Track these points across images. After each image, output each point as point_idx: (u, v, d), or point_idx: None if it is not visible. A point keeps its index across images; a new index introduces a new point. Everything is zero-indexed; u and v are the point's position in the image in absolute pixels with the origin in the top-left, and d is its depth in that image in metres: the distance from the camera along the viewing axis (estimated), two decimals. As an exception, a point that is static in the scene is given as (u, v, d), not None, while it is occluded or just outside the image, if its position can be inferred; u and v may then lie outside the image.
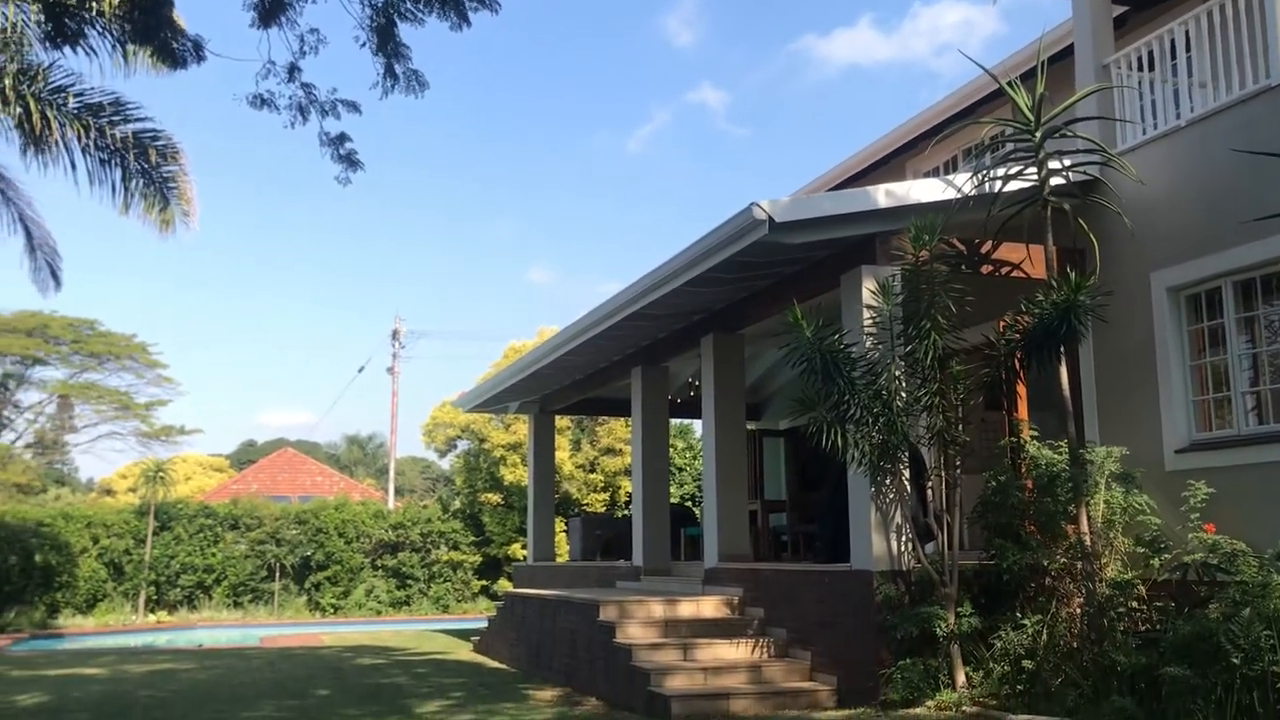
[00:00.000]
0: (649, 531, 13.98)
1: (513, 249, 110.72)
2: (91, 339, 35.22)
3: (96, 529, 25.00)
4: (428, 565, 27.46)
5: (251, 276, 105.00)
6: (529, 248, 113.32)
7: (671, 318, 12.66)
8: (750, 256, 9.82)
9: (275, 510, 26.99)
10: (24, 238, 16.02)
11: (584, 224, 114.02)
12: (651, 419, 14.30)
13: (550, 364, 15.31)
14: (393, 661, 14.39)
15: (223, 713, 10.03)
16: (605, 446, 27.34)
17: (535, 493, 18.93)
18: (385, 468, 75.55)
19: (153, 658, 15.52)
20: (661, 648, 10.17)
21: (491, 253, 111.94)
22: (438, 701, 10.58)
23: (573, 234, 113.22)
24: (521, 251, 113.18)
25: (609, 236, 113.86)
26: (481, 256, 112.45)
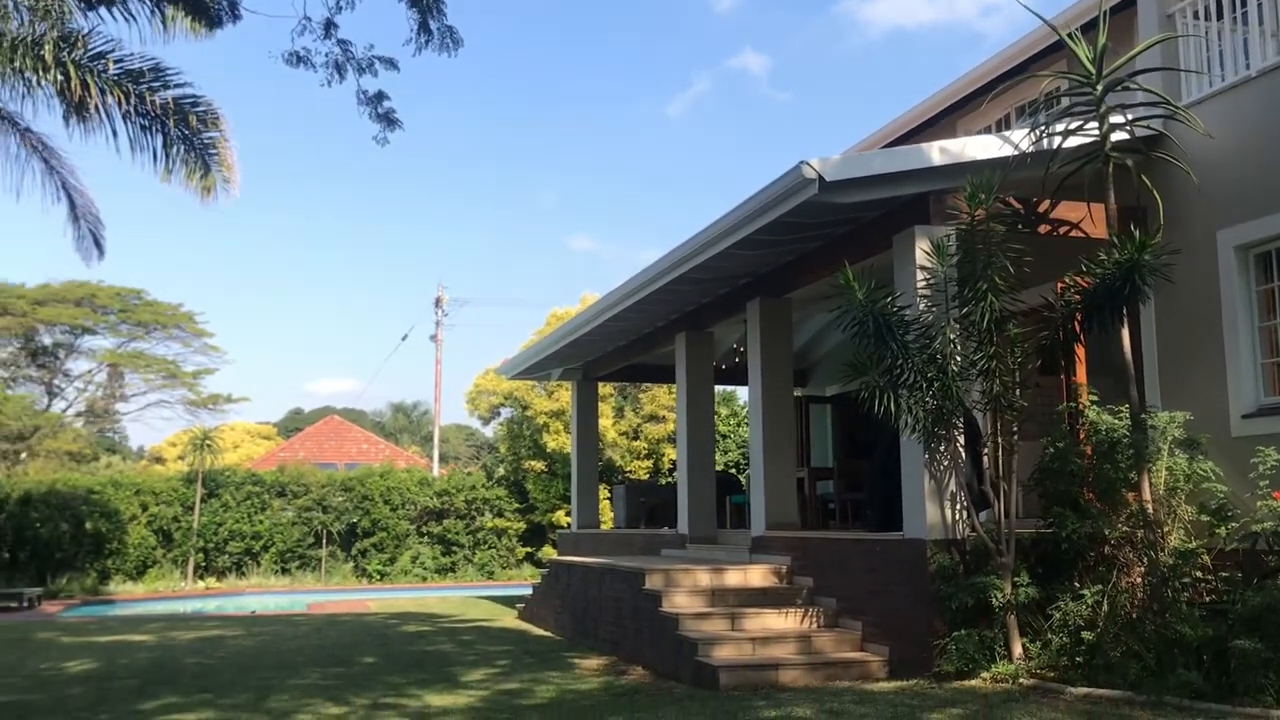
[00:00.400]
0: (694, 499, 13.81)
1: (554, 217, 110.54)
2: (138, 308, 35.51)
3: (145, 496, 25.27)
4: (472, 532, 27.54)
5: (296, 246, 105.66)
6: (570, 216, 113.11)
7: (717, 282, 12.43)
8: (799, 217, 9.56)
9: (321, 477, 27.14)
10: (67, 206, 16.03)
11: (625, 192, 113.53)
12: (696, 385, 14.10)
13: (594, 330, 15.14)
14: (438, 629, 14.38)
15: (269, 680, 10.01)
16: (648, 414, 27.20)
17: (579, 460, 18.82)
18: (430, 435, 76.01)
19: (201, 624, 15.63)
20: (709, 617, 10.01)
21: (533, 221, 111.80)
22: (483, 669, 10.51)
23: (613, 202, 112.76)
24: (563, 219, 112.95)
25: (650, 204, 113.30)
26: (523, 224, 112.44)
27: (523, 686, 9.40)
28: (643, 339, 16.11)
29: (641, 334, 15.95)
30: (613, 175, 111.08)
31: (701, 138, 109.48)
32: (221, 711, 8.30)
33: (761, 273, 12.02)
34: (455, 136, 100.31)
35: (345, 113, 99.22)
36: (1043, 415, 9.81)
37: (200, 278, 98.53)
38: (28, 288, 33.99)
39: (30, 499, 23.21)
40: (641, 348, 16.40)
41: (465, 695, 8.96)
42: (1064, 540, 8.59)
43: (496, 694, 9.04)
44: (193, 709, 8.43)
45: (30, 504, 23.18)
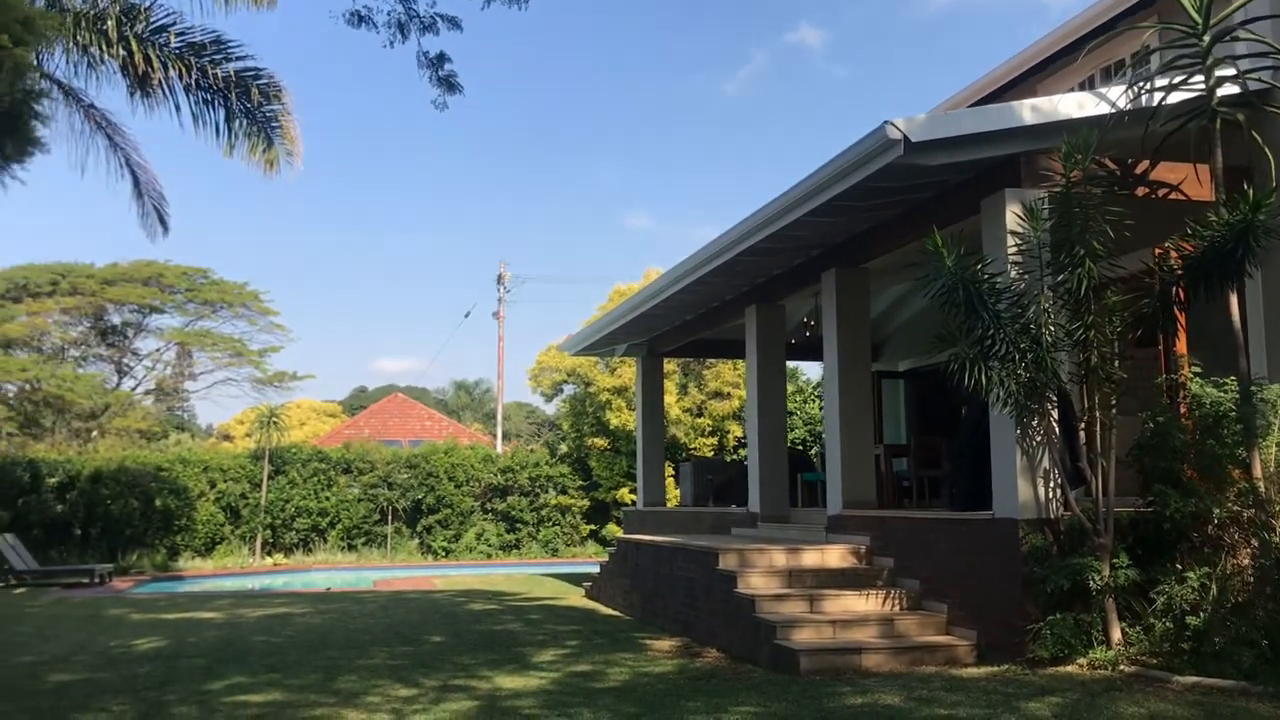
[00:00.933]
0: (766, 477, 13.44)
1: (611, 195, 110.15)
2: (205, 287, 35.79)
3: (213, 473, 25.44)
4: (536, 509, 27.41)
5: (357, 226, 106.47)
6: (627, 194, 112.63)
7: (790, 252, 12.01)
8: (880, 181, 9.12)
9: (386, 454, 27.18)
10: (131, 183, 16.00)
11: (682, 169, 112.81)
12: (767, 359, 13.70)
13: (660, 303, 14.80)
14: (505, 607, 14.19)
15: (336, 660, 9.85)
16: (713, 390, 26.83)
17: (644, 436, 18.53)
18: (492, 412, 76.34)
19: (268, 601, 15.60)
20: (786, 599, 9.66)
21: (590, 199, 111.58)
22: (553, 650, 10.26)
23: (671, 179, 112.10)
24: (620, 197, 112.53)
25: (707, 181, 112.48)
26: (580, 203, 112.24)
27: (594, 668, 9.13)
28: (710, 313, 15.74)
29: (709, 307, 15.58)
30: (670, 153, 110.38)
31: (759, 114, 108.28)
32: (289, 693, 8.12)
33: (837, 242, 11.58)
34: (514, 115, 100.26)
35: (406, 95, 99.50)
36: (1139, 388, 9.32)
37: (264, 257, 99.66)
38: (97, 267, 34.44)
39: (100, 476, 23.45)
40: (709, 322, 16.03)
41: (536, 677, 8.71)
42: (1166, 520, 8.12)
43: (568, 676, 8.78)
44: (260, 689, 8.26)
45: (100, 481, 23.41)
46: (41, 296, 32.89)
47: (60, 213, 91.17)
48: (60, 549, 22.24)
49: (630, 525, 18.96)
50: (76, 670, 9.41)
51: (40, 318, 32.06)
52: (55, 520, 22.36)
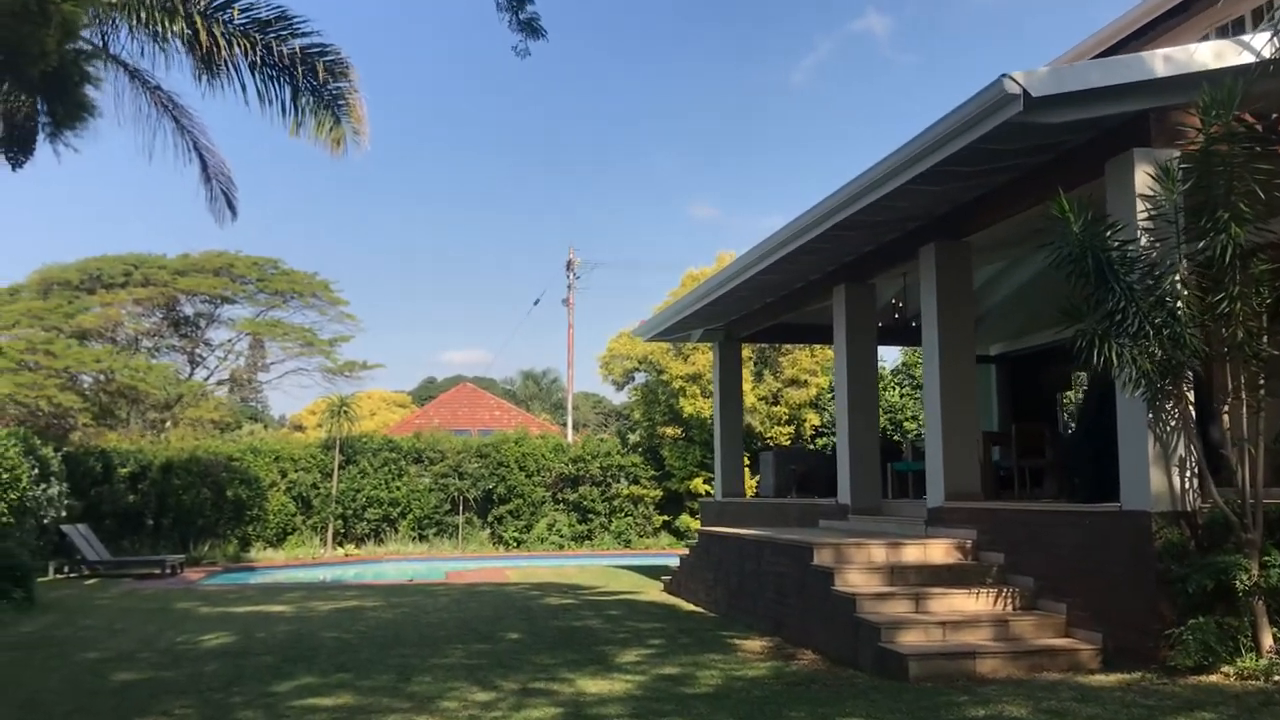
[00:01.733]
0: (857, 466, 12.72)
1: (676, 184, 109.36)
2: (275, 277, 35.71)
3: (284, 463, 25.26)
4: (608, 499, 26.87)
5: (423, 216, 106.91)
6: (692, 183, 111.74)
7: (885, 225, 11.25)
8: (993, 143, 8.35)
9: (457, 444, 26.81)
10: (199, 166, 15.66)
11: (746, 158, 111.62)
12: (858, 342, 12.97)
13: (741, 285, 14.11)
14: (582, 601, 13.63)
15: (409, 659, 9.35)
16: (789, 378, 26.06)
17: (722, 425, 17.85)
18: (560, 402, 76.11)
19: (340, 594, 15.22)
20: (889, 598, 8.95)
21: (655, 188, 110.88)
22: (636, 649, 9.67)
23: (735, 169, 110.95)
24: (684, 186, 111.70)
25: (772, 171, 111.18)
26: (645, 192, 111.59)
27: (683, 671, 8.52)
28: (794, 294, 15.01)
29: (793, 289, 14.86)
30: (733, 142, 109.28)
31: (824, 103, 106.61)
32: (360, 695, 7.61)
33: (938, 213, 10.80)
34: (581, 103, 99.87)
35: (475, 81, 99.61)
36: None
37: (330, 247, 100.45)
38: (169, 258, 34.54)
39: (172, 466, 23.35)
40: (792, 304, 15.30)
41: (621, 680, 8.12)
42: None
43: (655, 679, 8.18)
44: (330, 691, 7.77)
45: (172, 471, 23.30)
46: (115, 288, 33.04)
47: (132, 205, 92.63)
48: (132, 539, 22.16)
49: (708, 517, 18.31)
50: (141, 668, 9.01)
51: (114, 309, 32.18)
52: (128, 510, 22.29)
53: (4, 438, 16.91)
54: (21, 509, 17.08)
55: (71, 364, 29.81)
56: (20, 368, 29.63)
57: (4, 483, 16.44)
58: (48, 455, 18.51)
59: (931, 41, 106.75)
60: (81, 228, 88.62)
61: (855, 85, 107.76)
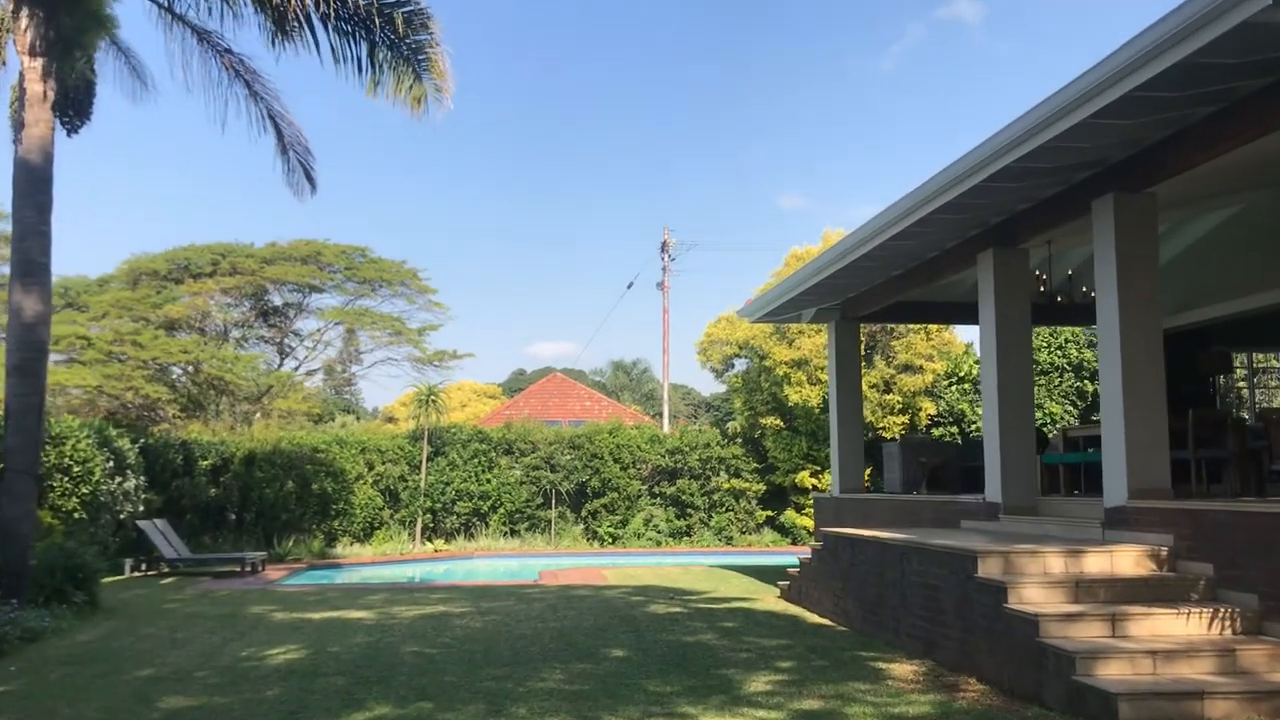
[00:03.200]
0: (1009, 459, 11.07)
1: (763, 174, 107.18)
2: (363, 266, 34.87)
3: (371, 455, 24.26)
4: (708, 493, 25.41)
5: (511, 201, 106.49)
6: (780, 173, 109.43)
7: (1048, 176, 9.59)
8: (1213, 56, 6.69)
9: (549, 435, 25.56)
10: (274, 136, 14.59)
11: (835, 148, 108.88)
12: (1010, 317, 11.30)
13: (866, 255, 12.53)
14: (691, 610, 12.19)
15: (501, 681, 8.01)
16: (902, 363, 24.27)
17: (839, 413, 16.26)
18: (651, 393, 74.83)
19: (425, 597, 14.00)
20: (1077, 619, 7.34)
21: (742, 179, 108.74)
22: (764, 675, 8.21)
23: (825, 159, 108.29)
24: (773, 177, 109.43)
25: (861, 160, 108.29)
26: (732, 182, 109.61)
27: (826, 706, 7.04)
28: (926, 265, 13.37)
29: (925, 258, 13.22)
30: (822, 130, 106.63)
31: (916, 92, 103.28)
32: (442, 737, 6.28)
33: (1115, 159, 9.12)
34: (670, 95, 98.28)
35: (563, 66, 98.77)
36: None
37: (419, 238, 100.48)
38: (256, 247, 33.92)
39: (255, 458, 22.44)
40: (923, 276, 13.66)
41: (753, 717, 6.68)
42: None
43: (795, 716, 6.71)
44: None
45: (255, 464, 22.40)
46: (202, 277, 32.49)
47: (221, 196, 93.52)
48: (214, 535, 21.26)
49: (824, 515, 16.74)
50: (194, 692, 7.81)
51: (201, 298, 31.60)
52: (209, 505, 21.37)
53: (77, 429, 16.04)
54: (95, 504, 16.20)
55: (159, 355, 29.23)
56: (108, 359, 29.18)
57: (76, 476, 15.55)
58: (124, 447, 17.65)
59: (1027, 29, 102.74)
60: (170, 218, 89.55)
61: (947, 72, 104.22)
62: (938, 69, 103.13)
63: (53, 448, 15.27)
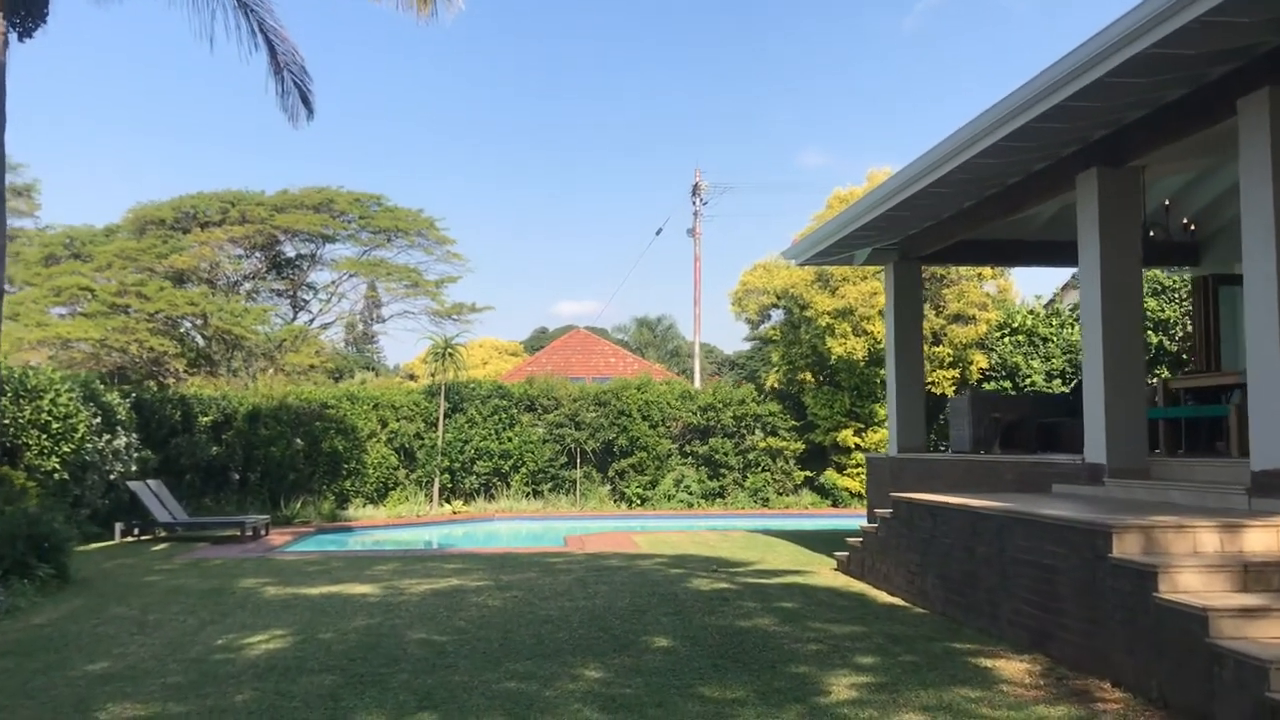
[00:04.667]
0: (1117, 414, 9.48)
1: (784, 133, 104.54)
2: (378, 214, 33.31)
3: (384, 411, 22.80)
4: (742, 453, 23.87)
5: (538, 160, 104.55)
6: (801, 132, 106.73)
7: (1183, 70, 7.90)
8: None
9: (573, 390, 24.04)
10: (267, 54, 13.04)
11: (856, 106, 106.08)
12: (1117, 248, 9.67)
13: (941, 179, 10.90)
14: (739, 585, 10.68)
15: (524, 682, 6.55)
16: (954, 313, 22.57)
17: (899, 364, 14.67)
18: (676, 350, 73.22)
19: (439, 568, 12.54)
20: (1259, 615, 5.75)
21: (763, 137, 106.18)
22: (844, 675, 6.71)
23: (845, 117, 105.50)
24: (793, 136, 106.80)
25: (883, 119, 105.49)
26: (753, 140, 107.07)
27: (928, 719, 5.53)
28: (1003, 194, 11.73)
29: (1004, 185, 11.57)
30: (842, 89, 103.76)
31: (939, 46, 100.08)
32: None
33: (1268, 47, 7.43)
34: (693, 54, 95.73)
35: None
36: None
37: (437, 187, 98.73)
38: (267, 195, 32.42)
39: (259, 414, 20.99)
40: (996, 209, 12.03)
41: (848, 743, 5.18)
42: None
43: (901, 742, 5.21)
44: (399, 762, 4.97)
45: (259, 420, 20.96)
46: (210, 226, 31.04)
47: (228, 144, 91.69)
48: (216, 496, 19.85)
49: (878, 477, 15.19)
50: (147, 696, 6.36)
51: (209, 248, 30.12)
52: (210, 464, 19.91)
53: (58, 381, 14.62)
54: (81, 463, 14.81)
55: (164, 307, 27.89)
56: (113, 311, 27.83)
57: (56, 433, 14.15)
58: (113, 402, 16.24)
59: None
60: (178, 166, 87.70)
61: (972, 28, 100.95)
62: (961, 25, 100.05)
63: (28, 402, 13.88)
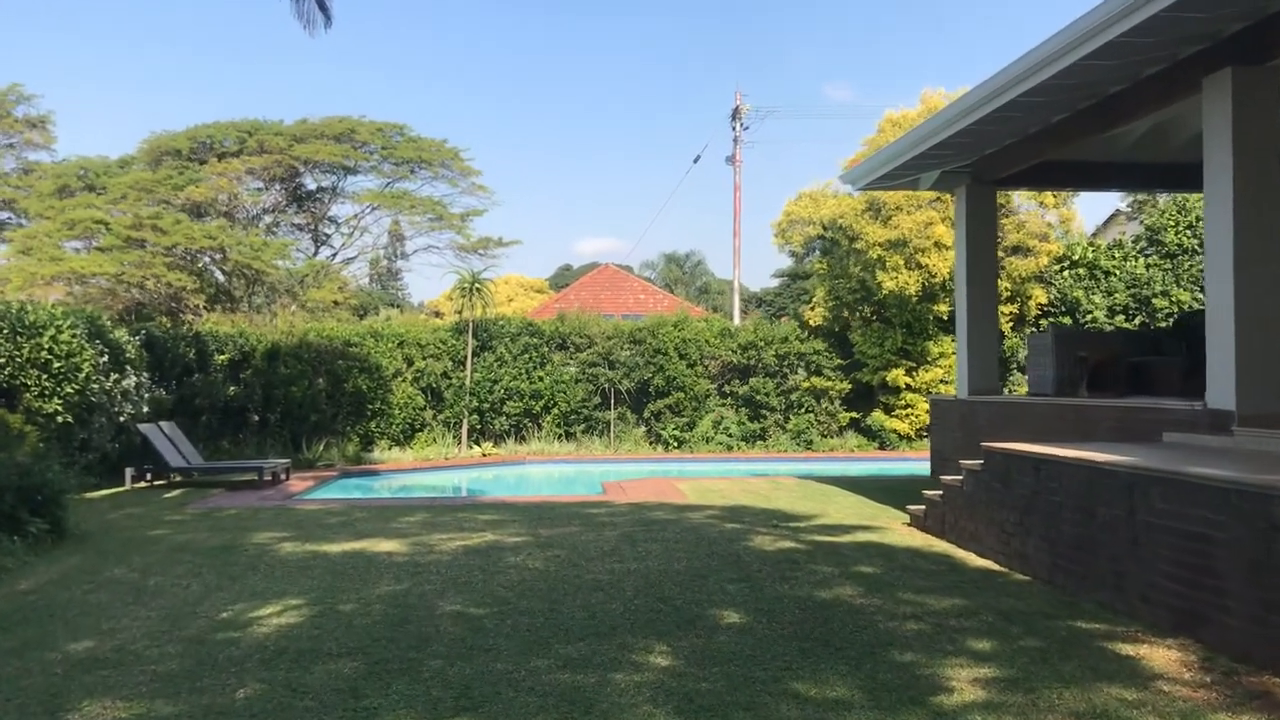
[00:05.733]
0: (1251, 349, 8.24)
1: (810, 63, 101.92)
2: (401, 145, 32.01)
3: (410, 349, 21.73)
4: (784, 393, 22.71)
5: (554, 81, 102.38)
6: (827, 62, 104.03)
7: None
8: None
9: (607, 328, 22.87)
10: (276, -49, 11.70)
11: (885, 37, 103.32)
12: (1252, 153, 8.36)
13: (1037, 87, 9.58)
14: (807, 545, 9.56)
15: (578, 672, 5.50)
16: (1012, 244, 21.22)
17: (971, 297, 13.43)
18: (705, 287, 71.84)
19: (471, 519, 11.49)
20: None
21: (786, 72, 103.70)
22: (960, 665, 5.62)
23: (873, 48, 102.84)
24: (819, 66, 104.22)
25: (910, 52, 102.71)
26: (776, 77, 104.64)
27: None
28: (1103, 105, 10.40)
29: (1105, 95, 10.23)
30: (869, 21, 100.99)
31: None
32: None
33: None
34: None
35: None
36: None
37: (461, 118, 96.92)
38: (286, 124, 31.16)
39: (279, 352, 19.94)
40: (1091, 123, 10.71)
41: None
42: None
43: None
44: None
45: (279, 358, 19.91)
46: (228, 157, 29.84)
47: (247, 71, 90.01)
48: (234, 438, 18.84)
49: (945, 423, 14.02)
50: (131, 689, 5.34)
51: (226, 179, 28.94)
52: (228, 405, 18.88)
53: (59, 316, 13.57)
54: (87, 405, 13.81)
55: (181, 240, 26.80)
56: (128, 245, 26.78)
57: (58, 373, 13.13)
58: (121, 339, 15.18)
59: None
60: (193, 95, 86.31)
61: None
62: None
63: (26, 339, 12.84)
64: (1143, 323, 21.38)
